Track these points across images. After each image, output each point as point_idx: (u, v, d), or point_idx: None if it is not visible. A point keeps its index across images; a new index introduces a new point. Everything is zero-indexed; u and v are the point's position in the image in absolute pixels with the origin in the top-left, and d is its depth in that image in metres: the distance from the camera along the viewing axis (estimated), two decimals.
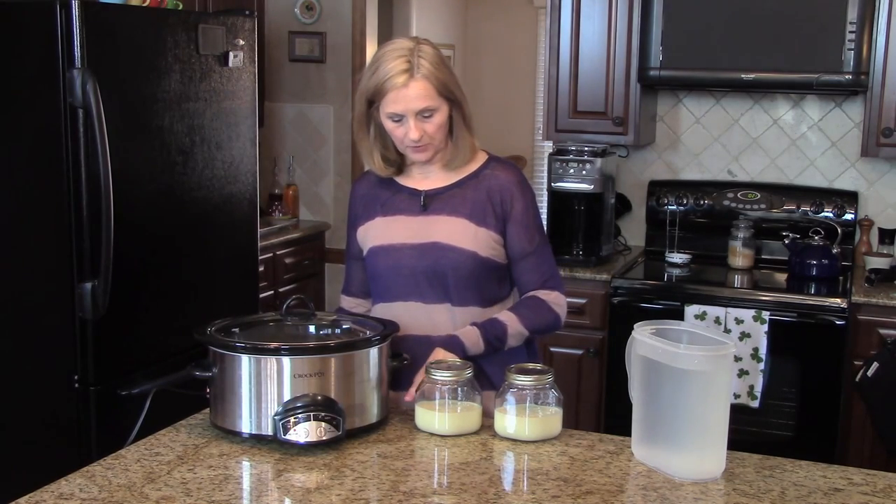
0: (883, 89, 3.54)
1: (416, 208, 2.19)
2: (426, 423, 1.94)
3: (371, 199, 2.26)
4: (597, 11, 3.83)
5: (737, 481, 1.74)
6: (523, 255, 2.21)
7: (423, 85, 2.06)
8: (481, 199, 2.17)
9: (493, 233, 2.17)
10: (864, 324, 3.40)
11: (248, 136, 3.51)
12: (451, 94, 2.11)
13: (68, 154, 2.85)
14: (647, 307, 3.55)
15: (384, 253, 2.19)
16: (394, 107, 2.08)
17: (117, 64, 2.94)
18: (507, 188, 2.19)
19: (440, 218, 2.17)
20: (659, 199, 4.09)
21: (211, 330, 1.96)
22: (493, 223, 2.17)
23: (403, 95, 2.06)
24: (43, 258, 2.96)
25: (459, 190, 2.19)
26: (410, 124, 2.08)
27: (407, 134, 2.10)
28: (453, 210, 2.17)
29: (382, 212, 2.22)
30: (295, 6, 5.00)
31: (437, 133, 2.12)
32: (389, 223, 2.20)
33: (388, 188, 2.24)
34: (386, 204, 2.22)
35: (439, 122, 2.11)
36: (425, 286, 2.16)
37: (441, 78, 2.09)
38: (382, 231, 2.21)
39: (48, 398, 3.00)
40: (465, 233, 2.15)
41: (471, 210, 2.17)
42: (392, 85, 2.06)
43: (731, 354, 1.77)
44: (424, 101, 2.07)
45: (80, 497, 1.62)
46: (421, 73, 2.06)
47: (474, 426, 1.95)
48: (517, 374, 1.93)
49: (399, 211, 2.21)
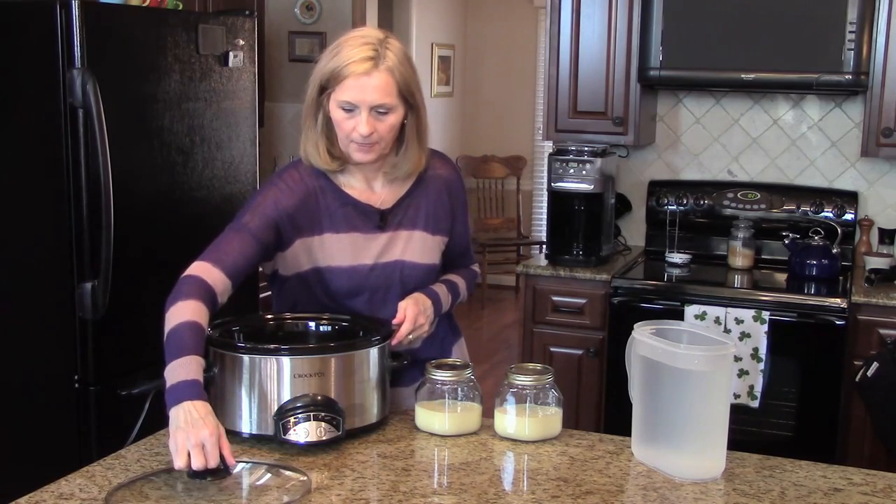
0: (883, 89, 3.54)
1: (371, 225, 2.08)
2: (426, 423, 1.94)
3: (314, 207, 2.05)
4: (597, 11, 3.83)
5: (737, 481, 1.74)
6: (463, 246, 2.26)
7: (386, 78, 1.92)
8: (432, 205, 2.15)
9: (443, 237, 2.18)
10: (864, 324, 3.40)
11: (248, 136, 3.51)
12: (411, 96, 1.98)
13: (68, 154, 2.85)
14: (647, 307, 3.55)
15: (345, 275, 2.06)
16: (349, 94, 1.92)
17: (117, 64, 2.95)
18: (452, 185, 2.20)
19: (399, 234, 2.11)
20: (659, 199, 4.09)
21: (211, 330, 1.96)
22: (445, 227, 2.18)
23: (362, 84, 1.91)
24: (43, 258, 2.96)
25: (411, 200, 2.12)
26: (363, 117, 1.93)
27: (356, 128, 1.94)
28: (410, 223, 2.12)
29: (333, 227, 2.05)
30: (295, 6, 5.00)
31: (387, 134, 1.98)
32: (344, 242, 2.06)
33: (335, 197, 2.06)
34: (334, 218, 2.05)
35: (392, 122, 1.97)
36: (387, 301, 2.09)
37: (405, 76, 1.96)
38: (338, 250, 2.06)
39: (48, 398, 3.00)
40: (424, 247, 2.13)
41: (425, 220, 2.14)
42: (352, 71, 1.91)
43: (731, 354, 1.77)
44: (383, 96, 1.93)
45: (80, 497, 1.62)
46: (385, 66, 1.92)
47: (474, 426, 1.95)
48: (517, 374, 1.93)
49: (353, 228, 2.07)
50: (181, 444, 1.64)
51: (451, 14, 7.86)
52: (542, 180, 7.66)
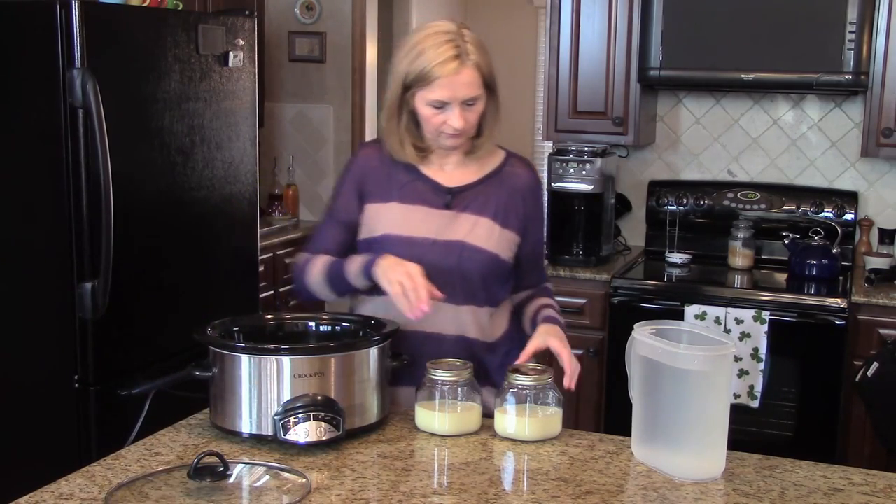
0: (883, 89, 3.54)
1: (438, 202, 2.12)
2: (426, 423, 1.94)
3: (384, 177, 2.14)
4: (597, 11, 3.83)
5: (737, 481, 1.74)
6: (536, 255, 2.23)
7: (473, 73, 2.00)
8: (504, 200, 2.14)
9: (513, 234, 2.15)
10: (864, 324, 3.40)
11: (248, 136, 3.51)
12: (493, 82, 2.06)
13: (68, 154, 2.85)
14: (647, 307, 3.55)
15: (404, 245, 2.08)
16: (440, 93, 2.00)
17: (117, 64, 2.95)
18: (530, 188, 2.19)
19: (465, 216, 2.12)
20: (659, 199, 4.09)
21: (211, 330, 1.96)
22: (515, 224, 2.15)
23: (453, 83, 1.99)
24: (43, 258, 2.96)
25: (484, 188, 2.14)
26: (455, 112, 2.01)
27: (447, 121, 2.02)
28: (479, 209, 2.12)
29: (400, 197, 2.12)
30: (295, 6, 5.00)
31: (476, 121, 2.07)
32: (409, 212, 2.11)
33: (405, 171, 2.14)
34: (404, 189, 2.12)
35: (480, 110, 2.06)
36: (446, 284, 2.06)
37: (488, 66, 2.04)
38: (401, 219, 2.11)
39: (48, 398, 3.00)
40: (491, 234, 2.11)
41: (495, 210, 2.13)
42: (441, 73, 1.98)
43: (731, 354, 1.77)
44: (472, 90, 2.01)
45: (80, 497, 1.62)
46: (471, 61, 2.00)
47: (474, 426, 1.95)
48: (517, 374, 1.93)
49: (420, 201, 2.12)
50: (395, 278, 1.91)
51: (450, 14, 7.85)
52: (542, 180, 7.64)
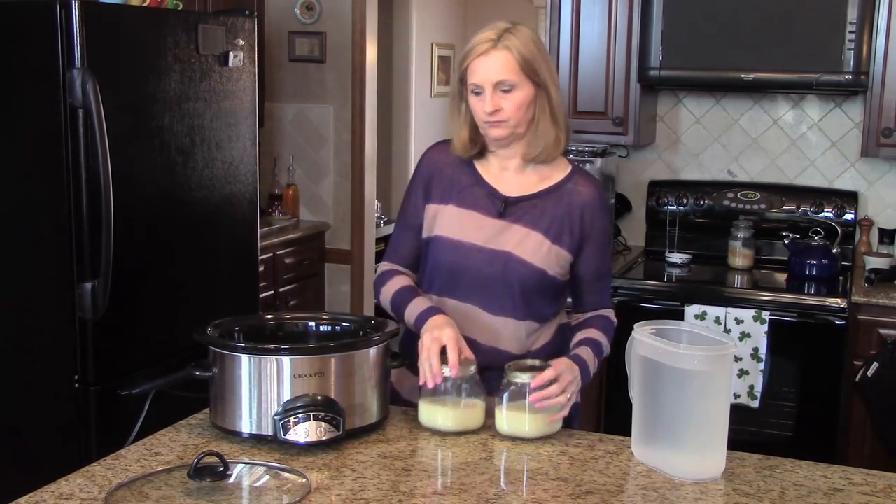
0: (883, 89, 3.54)
1: (492, 210, 2.10)
2: (429, 419, 1.94)
3: (449, 179, 2.15)
4: (597, 11, 3.83)
5: (737, 481, 1.74)
6: (595, 277, 2.17)
7: (504, 55, 2.00)
8: (560, 215, 2.10)
9: (565, 252, 2.10)
10: (864, 324, 3.40)
11: (248, 136, 3.51)
12: (535, 74, 2.02)
13: (68, 154, 2.85)
14: (647, 307, 3.55)
15: (452, 248, 2.10)
16: (474, 76, 2.02)
17: (117, 64, 2.94)
18: (590, 206, 2.12)
19: (516, 228, 2.09)
20: (659, 199, 4.09)
21: (211, 330, 1.96)
22: (568, 242, 2.10)
23: (483, 64, 2.01)
24: (43, 258, 2.96)
25: (540, 201, 2.11)
26: (487, 95, 2.01)
27: (483, 105, 2.03)
28: (531, 222, 2.09)
29: (458, 200, 2.13)
30: (295, 6, 5.00)
31: (515, 112, 2.03)
32: (463, 217, 2.11)
33: (468, 175, 2.15)
34: (463, 193, 2.13)
35: (519, 100, 2.02)
36: (487, 293, 2.07)
37: (526, 55, 2.01)
38: (455, 223, 2.11)
39: (48, 398, 3.00)
40: (539, 249, 2.08)
41: (548, 225, 2.09)
42: (475, 52, 2.02)
43: (731, 354, 1.77)
44: (502, 73, 2.00)
45: (80, 497, 1.62)
46: (504, 45, 2.00)
47: (478, 423, 1.95)
48: (517, 372, 1.93)
49: (475, 206, 2.11)
50: (426, 344, 1.94)
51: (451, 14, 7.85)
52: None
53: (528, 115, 2.05)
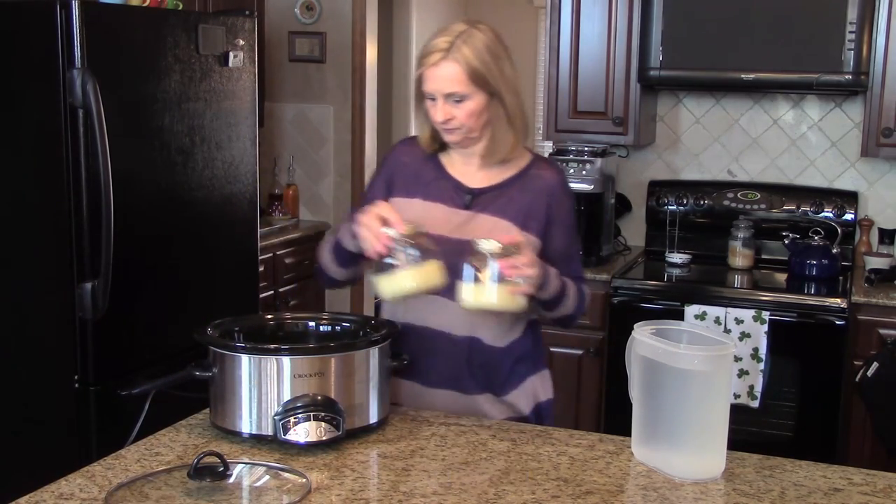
0: (883, 89, 3.54)
1: (459, 202, 2.14)
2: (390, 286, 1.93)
3: (414, 173, 2.19)
4: (597, 11, 3.83)
5: (737, 481, 1.74)
6: (563, 255, 2.19)
7: (454, 68, 2.01)
8: (526, 202, 2.13)
9: (534, 237, 2.12)
10: (864, 324, 3.40)
11: (248, 136, 3.51)
12: (486, 84, 2.04)
13: (68, 154, 2.85)
14: (647, 307, 3.55)
15: None
16: (426, 85, 2.05)
17: (117, 64, 2.95)
18: (554, 190, 2.16)
19: (484, 217, 2.12)
20: (659, 199, 4.09)
21: (211, 330, 1.96)
22: (536, 227, 2.13)
23: (434, 75, 2.03)
24: (43, 258, 2.96)
25: (506, 190, 2.14)
26: (438, 104, 2.05)
27: (435, 114, 2.06)
28: (499, 211, 2.12)
29: (424, 194, 2.16)
30: (295, 6, 5.00)
31: (467, 120, 2.06)
32: (429, 209, 2.14)
33: (433, 169, 2.18)
34: (429, 186, 2.16)
35: (470, 109, 2.04)
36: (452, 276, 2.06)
37: (476, 66, 2.02)
38: (421, 216, 2.11)
39: (48, 398, 3.00)
40: (508, 234, 2.09)
41: (516, 213, 2.12)
42: (426, 62, 2.04)
43: (731, 354, 1.77)
44: (452, 86, 2.02)
45: (80, 497, 1.62)
46: (453, 57, 2.01)
47: (438, 280, 1.94)
48: (484, 241, 1.92)
49: (441, 199, 2.14)
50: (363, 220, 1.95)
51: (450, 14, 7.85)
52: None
53: (481, 121, 2.08)
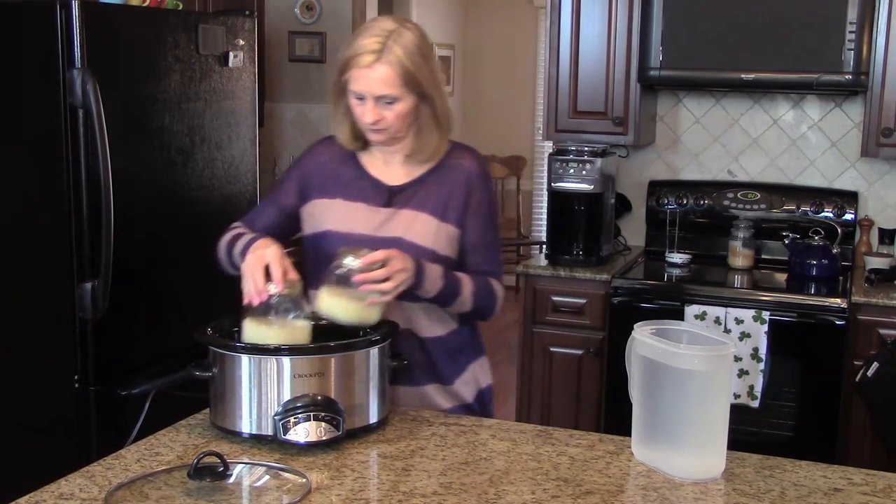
0: (883, 89, 3.54)
1: (379, 200, 2.14)
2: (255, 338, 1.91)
3: (333, 173, 2.19)
4: (597, 11, 3.83)
5: (737, 481, 1.74)
6: (478, 246, 2.18)
7: (386, 71, 1.99)
8: (445, 192, 2.14)
9: (453, 227, 2.13)
10: (864, 324, 3.40)
11: (248, 136, 3.51)
12: (418, 86, 2.04)
13: (68, 154, 2.85)
14: (647, 307, 3.55)
15: (343, 241, 2.09)
16: (355, 85, 2.03)
17: (117, 64, 2.95)
18: (472, 177, 2.16)
19: (404, 213, 2.12)
20: (659, 199, 4.09)
21: (211, 330, 1.96)
22: (454, 217, 2.14)
23: (366, 76, 2.00)
24: (43, 258, 2.96)
25: (424, 183, 2.15)
26: (368, 106, 2.03)
27: (365, 114, 2.05)
28: (418, 204, 2.13)
29: (344, 194, 2.16)
30: (295, 6, 5.00)
31: (395, 121, 2.05)
32: (350, 209, 2.14)
33: (353, 168, 2.18)
34: (348, 186, 2.16)
35: (400, 111, 2.04)
36: None
37: (408, 67, 2.01)
38: (343, 216, 2.14)
39: (48, 398, 3.00)
40: (428, 229, 2.11)
41: (435, 205, 2.13)
42: (357, 63, 2.00)
43: (731, 354, 1.77)
44: (385, 88, 2.01)
45: (80, 497, 1.62)
46: (387, 59, 1.99)
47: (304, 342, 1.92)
48: (349, 256, 1.92)
49: (361, 198, 2.15)
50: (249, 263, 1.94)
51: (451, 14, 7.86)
52: (542, 180, 7.66)
53: (409, 122, 2.09)
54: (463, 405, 2.22)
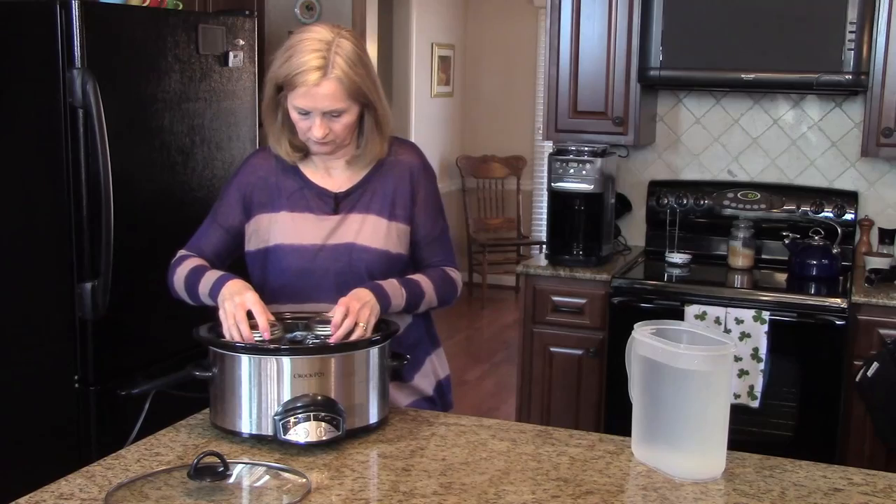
0: (883, 89, 3.53)
1: (326, 208, 2.14)
2: None
3: (275, 187, 2.16)
4: (597, 11, 3.83)
5: (737, 481, 1.74)
6: (430, 239, 2.20)
7: (334, 86, 1.98)
8: (390, 191, 2.15)
9: (403, 225, 2.14)
10: (864, 324, 3.40)
11: (248, 136, 3.51)
12: (363, 96, 2.04)
13: (68, 154, 2.85)
14: (647, 307, 3.55)
15: (294, 254, 2.11)
16: (301, 101, 2.00)
17: (117, 64, 2.95)
18: (414, 171, 2.17)
19: (352, 217, 2.13)
20: (659, 199, 4.09)
21: (211, 330, 1.96)
22: (402, 214, 2.15)
23: (313, 93, 1.98)
24: (43, 258, 2.96)
25: (369, 185, 2.15)
26: (316, 122, 2.02)
27: (311, 129, 2.03)
28: (365, 207, 2.13)
29: (289, 206, 2.14)
30: (295, 6, 5.01)
31: (342, 132, 2.06)
32: (298, 221, 2.13)
33: (294, 178, 2.16)
34: (292, 197, 2.15)
35: (347, 122, 2.04)
36: (342, 288, 2.03)
37: (354, 80, 2.00)
38: (291, 229, 2.12)
39: (48, 398, 3.00)
40: (377, 231, 2.11)
41: (381, 204, 2.13)
42: (302, 80, 1.97)
43: (731, 354, 1.77)
44: (334, 103, 2.00)
45: (80, 497, 1.62)
46: (334, 74, 1.97)
47: None
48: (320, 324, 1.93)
49: (307, 208, 2.14)
50: (229, 311, 1.90)
51: (451, 14, 7.86)
52: (542, 180, 7.66)
53: (353, 131, 2.09)
54: (423, 398, 2.22)
